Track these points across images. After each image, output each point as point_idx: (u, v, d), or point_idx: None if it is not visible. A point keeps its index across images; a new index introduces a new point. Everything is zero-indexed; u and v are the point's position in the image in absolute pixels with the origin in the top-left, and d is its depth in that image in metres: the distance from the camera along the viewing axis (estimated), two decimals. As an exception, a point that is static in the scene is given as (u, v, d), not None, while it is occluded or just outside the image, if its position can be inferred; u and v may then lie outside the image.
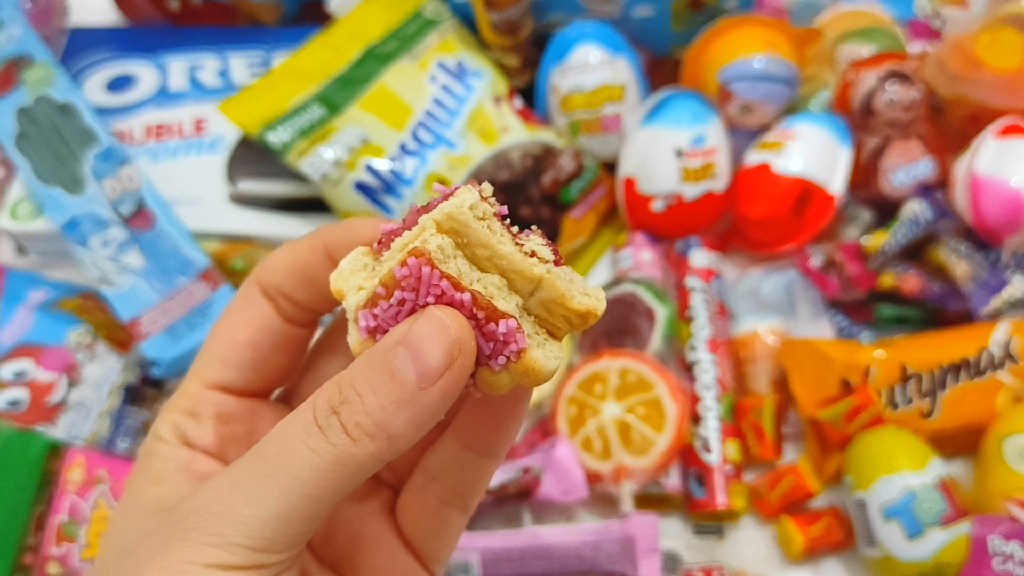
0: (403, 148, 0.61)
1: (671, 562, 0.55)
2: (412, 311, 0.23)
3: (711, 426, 0.56)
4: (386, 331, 0.23)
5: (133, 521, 0.25)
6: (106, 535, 0.25)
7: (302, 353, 0.30)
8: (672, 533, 0.56)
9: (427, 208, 0.24)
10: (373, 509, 0.28)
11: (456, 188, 0.24)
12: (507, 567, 0.53)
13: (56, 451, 0.53)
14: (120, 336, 0.60)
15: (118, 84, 0.68)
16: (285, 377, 0.30)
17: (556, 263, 0.24)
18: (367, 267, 0.25)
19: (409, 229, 0.24)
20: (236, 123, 0.60)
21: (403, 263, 0.22)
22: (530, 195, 0.63)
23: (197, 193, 0.63)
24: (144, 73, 0.69)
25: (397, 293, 0.23)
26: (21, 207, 0.62)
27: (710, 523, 0.56)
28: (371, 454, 0.22)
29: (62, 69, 0.64)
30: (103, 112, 0.65)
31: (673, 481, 0.56)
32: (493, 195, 0.24)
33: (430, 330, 0.22)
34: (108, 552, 0.25)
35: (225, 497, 0.22)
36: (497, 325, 0.23)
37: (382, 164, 0.60)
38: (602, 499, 0.56)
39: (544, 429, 0.59)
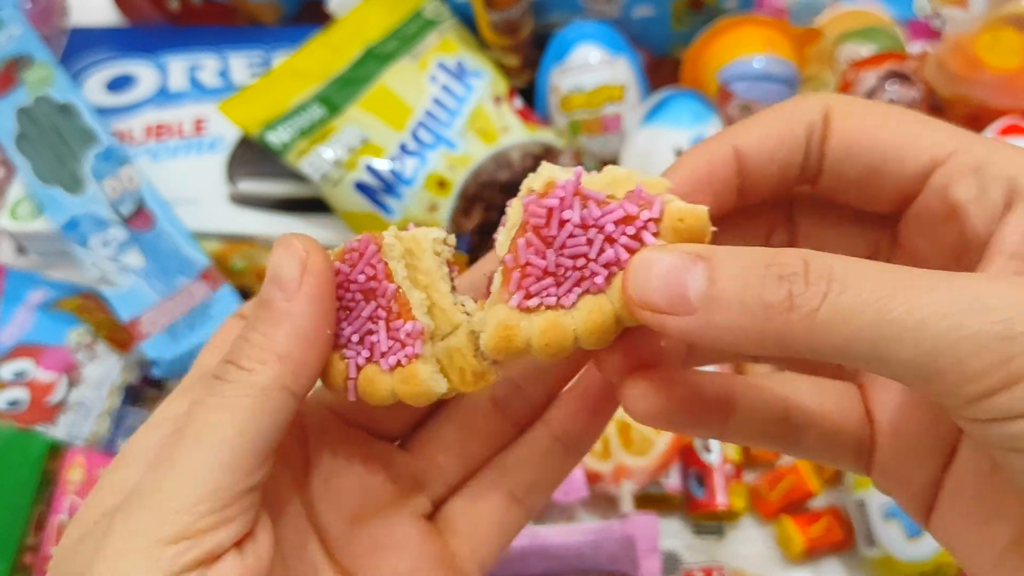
0: (403, 148, 0.61)
1: (671, 562, 0.55)
2: (340, 285, 0.24)
3: (711, 426, 0.56)
4: None
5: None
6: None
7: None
8: (672, 533, 0.56)
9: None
10: (404, 514, 0.28)
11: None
12: (507, 567, 0.53)
13: (56, 451, 0.53)
14: (120, 336, 0.60)
15: (118, 84, 0.68)
16: None
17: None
18: None
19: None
20: (236, 123, 0.60)
21: (356, 240, 0.24)
22: (530, 195, 0.63)
23: (197, 193, 0.63)
24: (144, 73, 0.69)
25: (336, 264, 0.24)
26: (21, 207, 0.62)
27: (710, 523, 0.56)
28: (272, 379, 0.22)
29: (62, 69, 0.64)
30: (103, 112, 0.65)
31: (673, 481, 0.56)
32: (456, 245, 0.26)
33: (280, 251, 0.23)
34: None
35: (165, 478, 0.22)
36: (404, 323, 0.24)
37: (382, 164, 0.60)
38: (602, 499, 0.56)
39: (544, 429, 0.59)
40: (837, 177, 0.24)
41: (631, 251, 0.21)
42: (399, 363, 0.24)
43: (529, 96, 0.68)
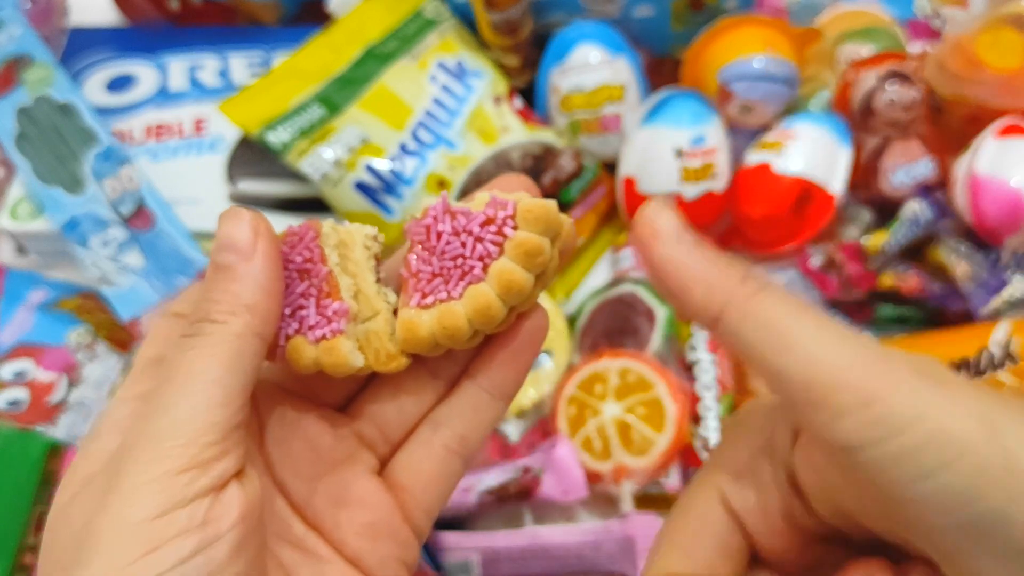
0: (403, 148, 0.61)
1: (671, 562, 0.55)
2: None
3: (711, 426, 0.56)
4: None
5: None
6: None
7: None
8: (672, 533, 0.56)
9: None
10: (356, 471, 0.30)
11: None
12: (507, 567, 0.53)
13: (56, 451, 0.53)
14: (120, 336, 0.60)
15: (118, 84, 0.68)
16: None
17: (395, 314, 0.28)
18: None
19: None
20: (236, 123, 0.60)
21: (297, 225, 0.27)
22: (530, 195, 0.63)
23: (197, 193, 0.63)
24: (144, 73, 0.69)
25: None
26: (21, 207, 0.62)
27: (710, 523, 0.56)
28: (245, 326, 0.24)
29: (62, 69, 0.64)
30: (103, 112, 0.65)
31: (673, 481, 0.56)
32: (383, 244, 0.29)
33: (229, 221, 0.26)
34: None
35: (162, 420, 0.23)
36: (333, 303, 0.27)
37: (382, 164, 0.60)
38: (602, 499, 0.56)
39: (544, 429, 0.59)
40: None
41: (497, 244, 0.26)
42: (324, 336, 0.27)
43: (529, 96, 0.68)
